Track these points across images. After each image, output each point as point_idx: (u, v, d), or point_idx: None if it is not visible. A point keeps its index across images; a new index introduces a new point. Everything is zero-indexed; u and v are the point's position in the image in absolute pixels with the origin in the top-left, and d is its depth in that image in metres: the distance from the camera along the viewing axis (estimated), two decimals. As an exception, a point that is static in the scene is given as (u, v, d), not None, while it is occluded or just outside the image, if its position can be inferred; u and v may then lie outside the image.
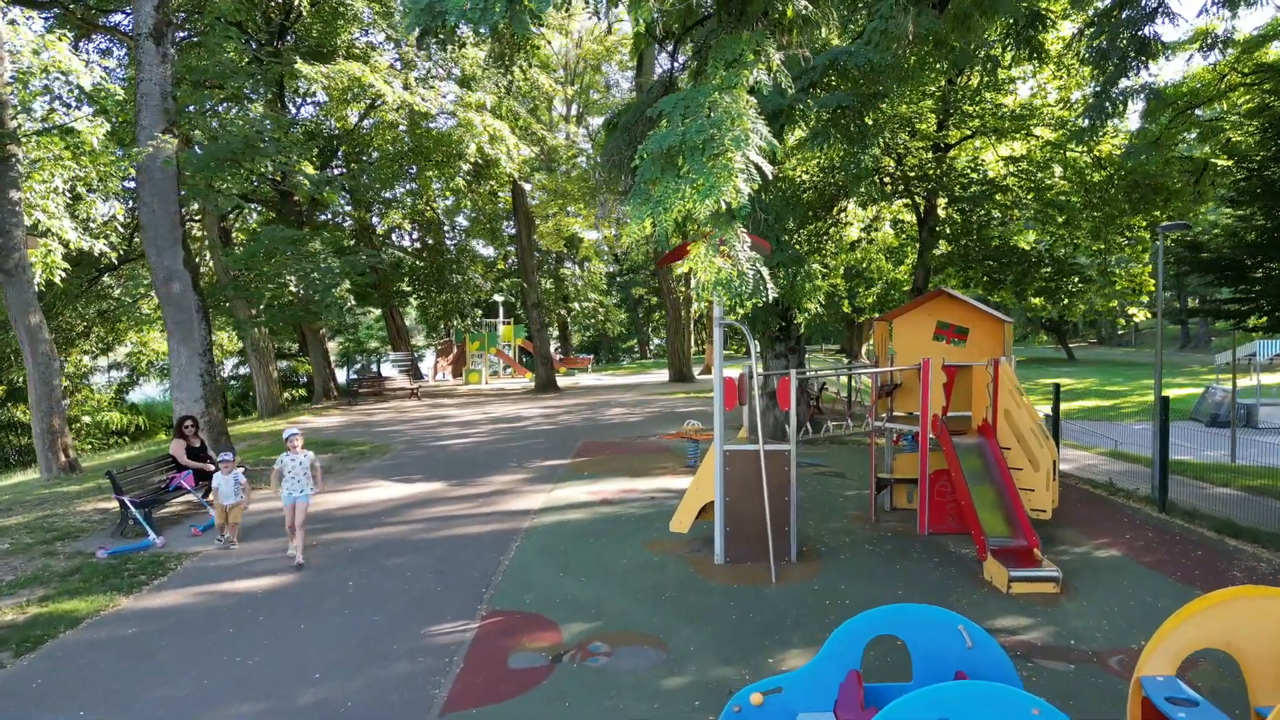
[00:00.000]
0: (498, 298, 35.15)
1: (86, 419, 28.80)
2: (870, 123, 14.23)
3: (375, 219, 29.17)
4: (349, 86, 21.17)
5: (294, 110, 26.32)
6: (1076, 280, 20.71)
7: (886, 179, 18.83)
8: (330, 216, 30.92)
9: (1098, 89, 12.39)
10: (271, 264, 18.54)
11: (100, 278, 23.41)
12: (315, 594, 7.58)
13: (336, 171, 27.37)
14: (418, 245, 33.13)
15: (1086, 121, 11.59)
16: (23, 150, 14.96)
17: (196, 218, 24.72)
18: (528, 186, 34.01)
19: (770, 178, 5.96)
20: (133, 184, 15.53)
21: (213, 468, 10.67)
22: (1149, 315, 39.67)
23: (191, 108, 15.67)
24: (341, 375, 40.68)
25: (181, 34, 19.46)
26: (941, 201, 19.49)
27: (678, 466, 13.17)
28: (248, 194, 26.50)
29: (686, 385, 28.01)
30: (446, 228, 34.44)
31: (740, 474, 8.37)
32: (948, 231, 19.94)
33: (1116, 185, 17.58)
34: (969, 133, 18.83)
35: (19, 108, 14.70)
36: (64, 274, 17.25)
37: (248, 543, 9.50)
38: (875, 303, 24.65)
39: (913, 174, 18.81)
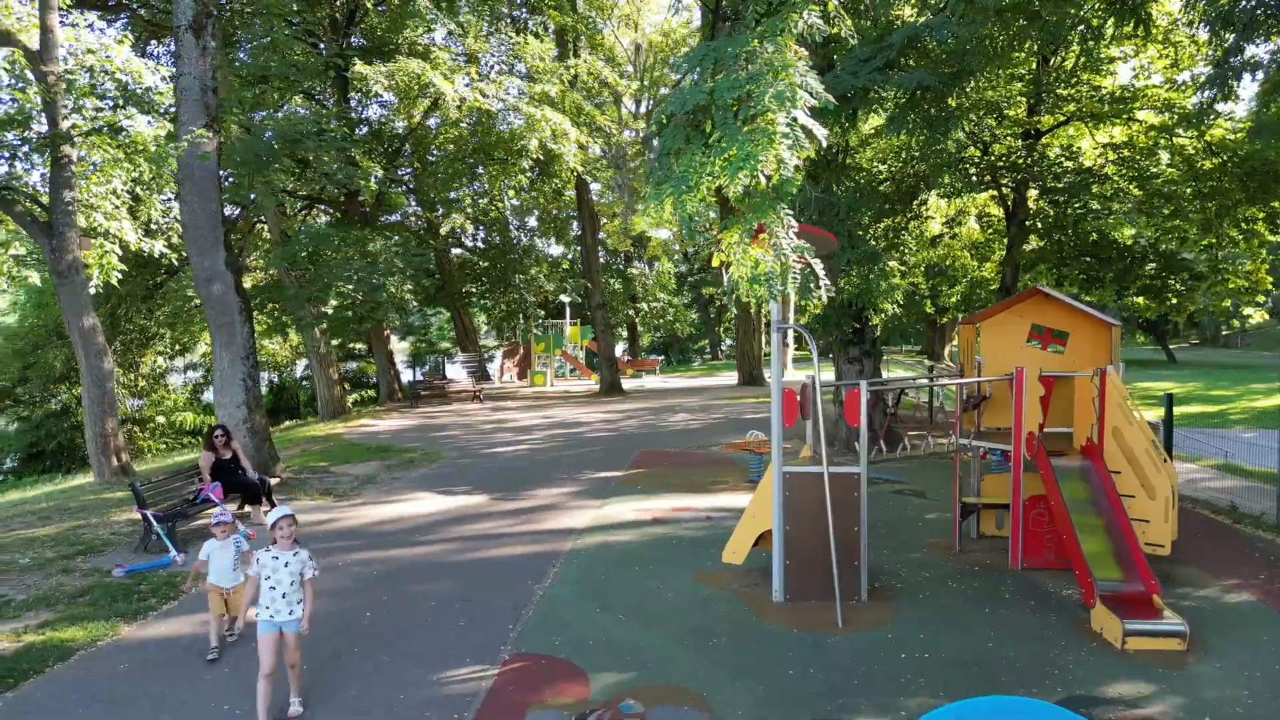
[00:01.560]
0: (564, 298, 34.53)
1: (161, 419, 29.22)
2: (953, 105, 12.99)
3: (440, 219, 28.87)
4: (409, 85, 20.76)
5: (360, 110, 26.18)
6: (1185, 277, 18.90)
7: (971, 169, 17.43)
8: (401, 217, 30.83)
9: (1215, 61, 10.95)
10: (323, 263, 18.18)
11: (167, 279, 23.55)
12: (328, 627, 6.85)
13: (402, 172, 27.18)
14: (481, 245, 32.77)
15: (1202, 97, 10.20)
16: (77, 151, 14.85)
17: (261, 219, 24.72)
18: (595, 187, 33.35)
19: (824, 144, 4.90)
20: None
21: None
22: (1266, 316, 36.75)
23: (238, 104, 15.30)
24: (413, 376, 40.81)
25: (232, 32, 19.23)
26: (1032, 193, 17.98)
27: (739, 482, 12.17)
28: (314, 195, 26.59)
29: (756, 389, 26.87)
30: (515, 226, 34.03)
31: (802, 499, 7.35)
32: (1039, 225, 18.41)
33: (1230, 173, 15.83)
34: (1064, 118, 17.28)
35: (73, 109, 14.56)
36: (121, 275, 17.21)
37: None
38: (959, 302, 23.12)
39: (1000, 163, 17.36)
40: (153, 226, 19.40)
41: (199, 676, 6.02)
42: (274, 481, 11.58)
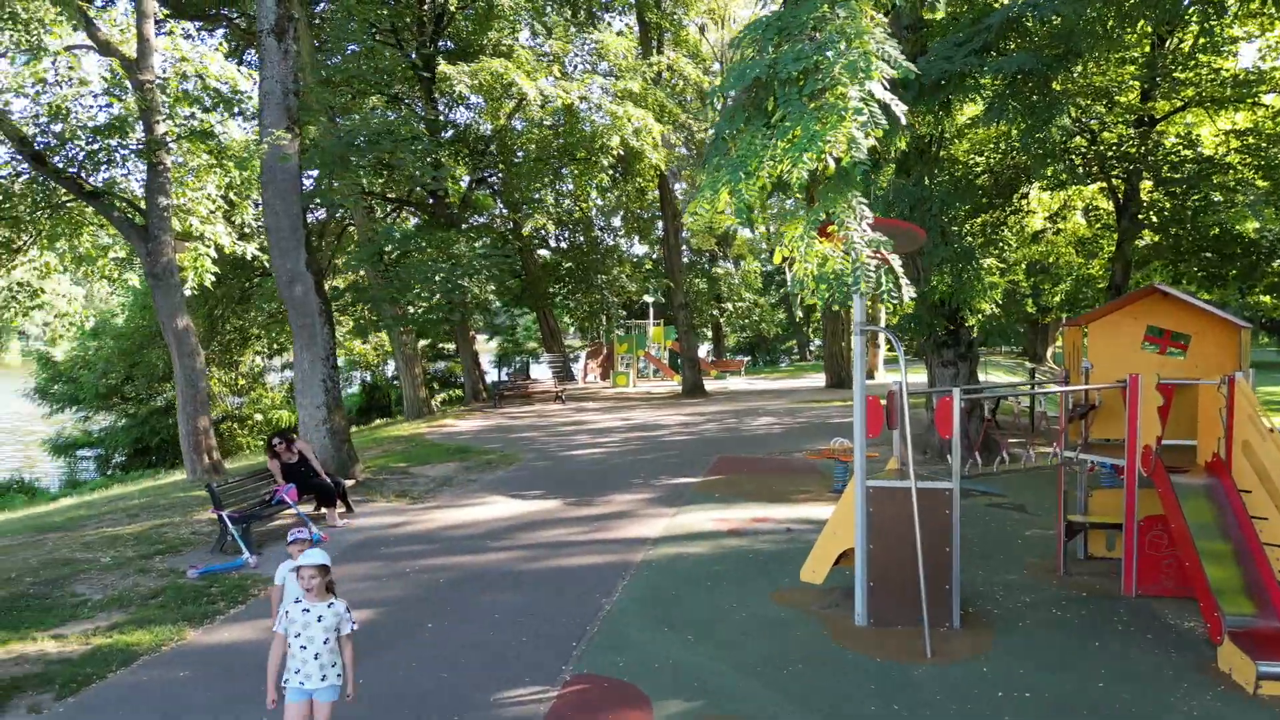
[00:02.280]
0: (647, 298, 34.20)
1: (259, 416, 30.17)
2: (1058, 90, 12.08)
3: (524, 219, 28.98)
4: (491, 84, 20.79)
5: (448, 113, 26.48)
6: (1322, 273, 17.25)
7: (1077, 159, 16.30)
8: (488, 219, 31.07)
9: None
10: (404, 264, 18.31)
11: (261, 281, 24.20)
12: (387, 638, 6.66)
13: (488, 175, 27.36)
14: (564, 246, 32.74)
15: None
16: (172, 157, 15.28)
17: (350, 221, 25.21)
18: (680, 186, 32.94)
19: (903, 120, 4.32)
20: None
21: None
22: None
23: (319, 107, 15.51)
24: (499, 376, 41.21)
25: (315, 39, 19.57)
26: (1146, 184, 16.71)
27: (822, 491, 11.58)
28: (402, 198, 27.01)
29: (844, 392, 25.98)
30: (599, 226, 33.90)
31: (888, 516, 6.78)
32: (1153, 219, 17.10)
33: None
34: (1181, 104, 16.00)
35: (167, 115, 14.99)
36: (215, 278, 17.70)
37: (338, 565, 8.78)
38: (1063, 301, 21.77)
39: (1110, 153, 16.18)
40: (245, 230, 19.95)
41: (255, 690, 5.87)
42: (348, 483, 11.57)
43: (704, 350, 44.35)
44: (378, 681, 5.88)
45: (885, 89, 4.05)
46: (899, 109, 4.24)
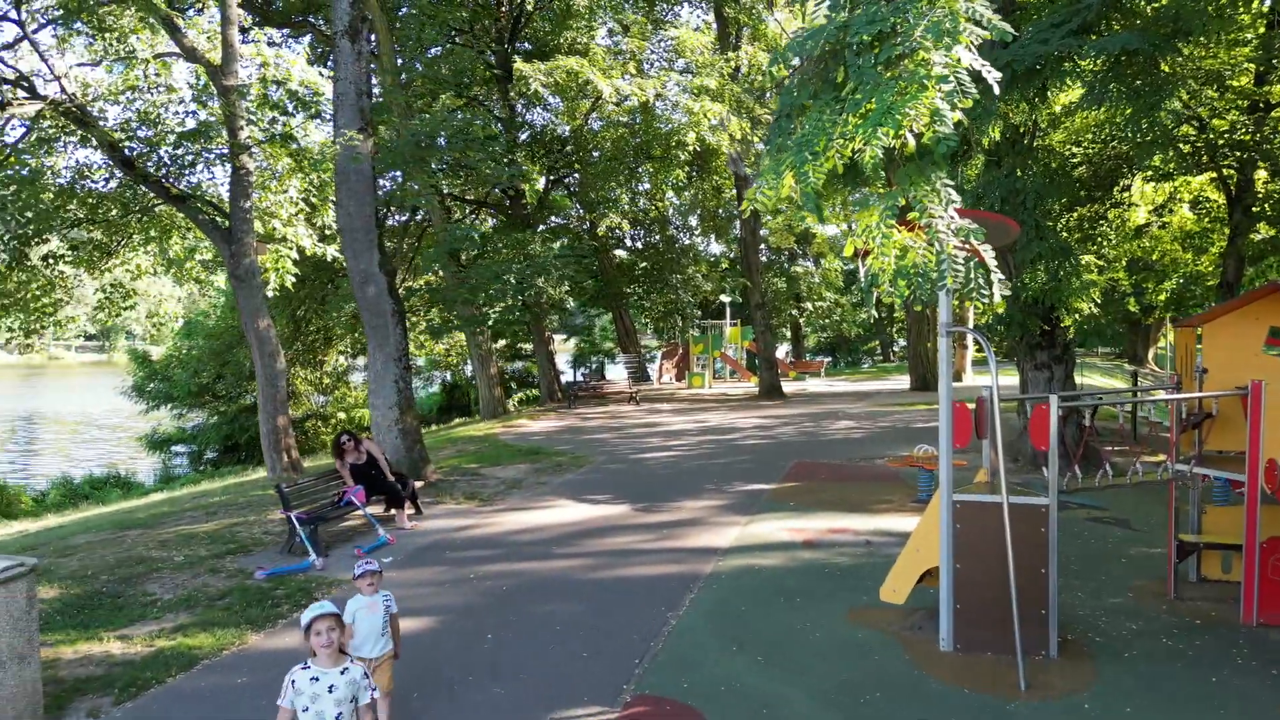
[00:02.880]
0: (723, 298, 33.68)
1: (342, 415, 30.82)
2: (1165, 73, 11.20)
3: (599, 218, 28.86)
4: (567, 83, 20.69)
5: (525, 113, 26.56)
6: None
7: (1185, 147, 15.22)
8: (565, 220, 31.10)
9: None
10: (475, 265, 18.33)
11: (340, 282, 24.65)
12: (444, 650, 6.45)
13: (565, 176, 27.36)
14: (640, 246, 32.52)
15: None
16: (255, 161, 15.58)
17: (430, 224, 25.46)
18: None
19: (997, 91, 3.79)
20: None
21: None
22: None
23: (394, 107, 15.61)
24: (575, 377, 41.26)
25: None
26: (1261, 174, 15.52)
27: (904, 501, 10.98)
28: (480, 199, 27.22)
29: (930, 395, 25.05)
30: (676, 226, 33.57)
31: (977, 532, 6.25)
32: (1269, 211, 15.88)
33: None
34: (1301, 86, 14.77)
35: (250, 120, 15.28)
36: (297, 279, 18.03)
37: (403, 569, 8.67)
38: (1169, 300, 20.45)
39: (1221, 141, 15.06)
40: (326, 232, 20.30)
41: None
42: (418, 484, 11.52)
43: (782, 351, 43.58)
44: (433, 698, 5.67)
45: (974, 54, 3.55)
46: (992, 76, 3.73)
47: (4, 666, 5.18)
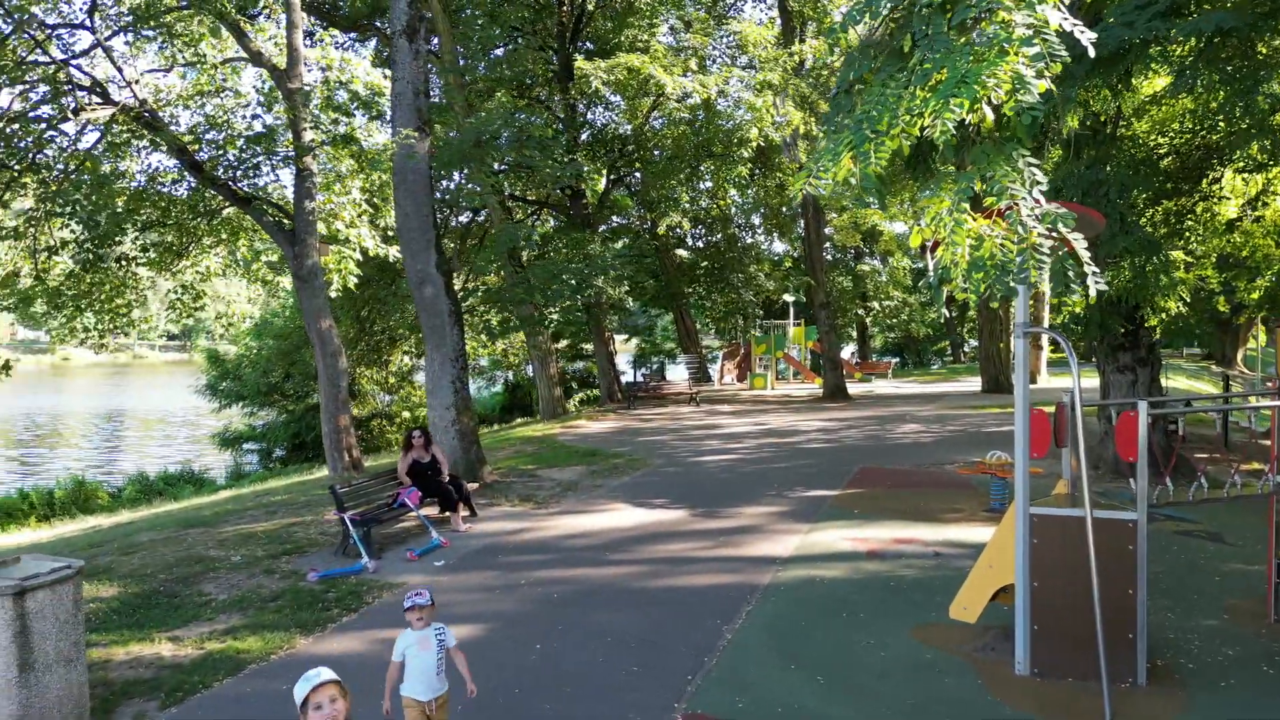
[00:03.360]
0: (787, 297, 33.09)
1: (406, 414, 31.18)
2: (1263, 54, 10.43)
3: (659, 217, 28.63)
4: (627, 80, 20.51)
5: (588, 112, 26.49)
6: None
7: (1283, 134, 14.22)
8: (627, 220, 30.95)
9: None
10: (533, 266, 18.26)
11: (401, 283, 24.88)
12: (491, 660, 6.25)
13: (626, 175, 27.20)
14: (700, 245, 32.17)
15: None
16: (318, 163, 15.74)
17: (490, 225, 25.55)
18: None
19: (1091, 53, 3.33)
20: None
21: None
22: None
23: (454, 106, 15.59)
24: (634, 377, 41.10)
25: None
26: (1368, 162, 14.41)
27: (975, 510, 10.44)
28: (541, 199, 27.24)
29: (1002, 397, 24.14)
30: (739, 224, 33.12)
31: (1056, 548, 5.80)
32: (1377, 202, 14.78)
33: None
34: None
35: (313, 123, 15.43)
36: (360, 279, 18.20)
37: (454, 573, 8.53)
38: (1262, 298, 19.24)
39: (1324, 127, 14.03)
40: (389, 233, 20.47)
41: (355, 711, 5.59)
42: (473, 486, 11.42)
43: (847, 352, 42.71)
44: (478, 712, 5.47)
45: (1064, 12, 3.12)
46: (1086, 37, 3.29)
47: (50, 670, 5.15)
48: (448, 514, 10.47)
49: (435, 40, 18.41)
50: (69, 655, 5.28)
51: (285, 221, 15.67)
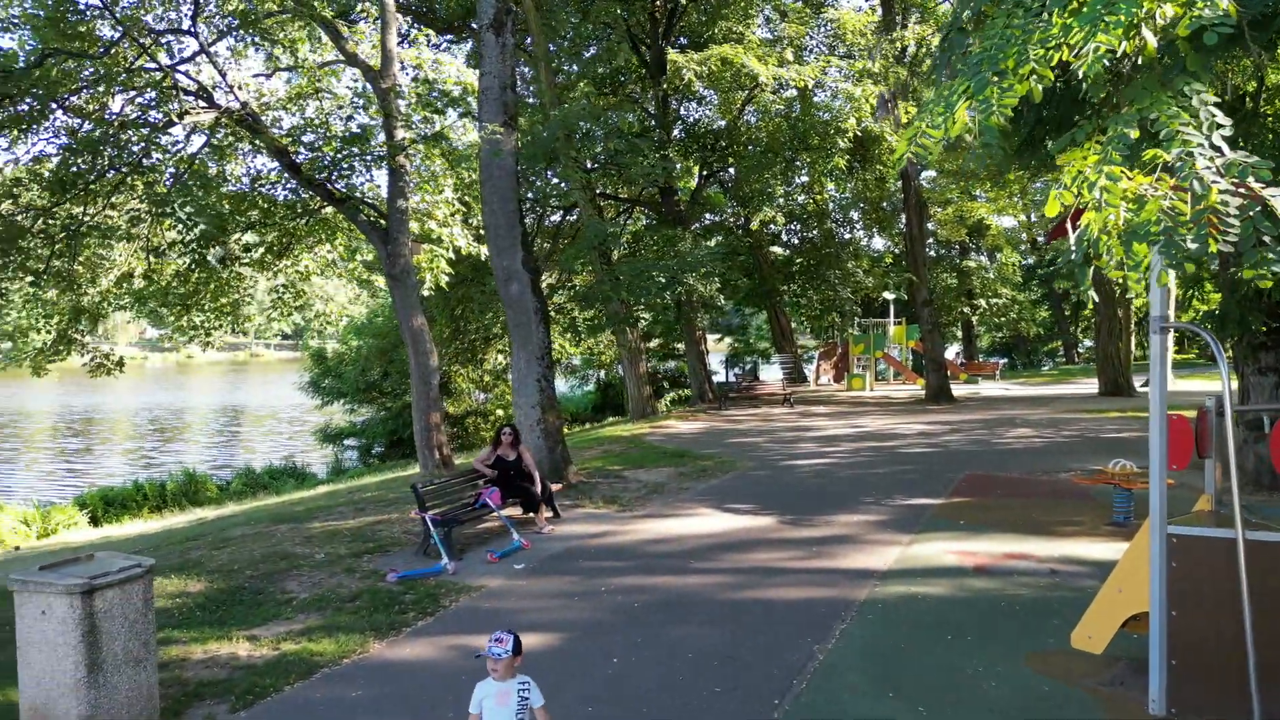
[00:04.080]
0: (888, 295, 31.93)
1: (500, 412, 31.47)
2: None
3: (753, 213, 28.03)
4: (720, 72, 20.05)
5: (680, 108, 26.15)
6: None
7: None
8: (720, 218, 30.45)
9: None
10: (620, 264, 17.99)
11: (489, 280, 25.03)
12: (563, 674, 5.92)
13: (719, 171, 26.73)
14: (796, 241, 31.35)
15: None
16: (411, 162, 15.85)
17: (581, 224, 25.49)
18: (928, 174, 30.47)
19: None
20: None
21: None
22: None
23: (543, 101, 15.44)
24: (726, 377, 40.52)
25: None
26: None
27: (1096, 524, 9.56)
28: (634, 198, 27.04)
29: (1122, 401, 22.60)
30: (836, 220, 32.16)
31: (1198, 574, 5.08)
32: None
33: None
34: None
35: (405, 123, 15.54)
36: (452, 278, 18.30)
37: (533, 577, 8.27)
38: None
39: None
40: (481, 232, 20.56)
41: (415, 718, 5.36)
42: (556, 486, 11.19)
43: (952, 352, 40.99)
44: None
45: None
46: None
47: (118, 670, 5.07)
48: (531, 514, 10.26)
49: (529, 40, 18.38)
50: (138, 655, 5.20)
51: (380, 221, 15.83)
